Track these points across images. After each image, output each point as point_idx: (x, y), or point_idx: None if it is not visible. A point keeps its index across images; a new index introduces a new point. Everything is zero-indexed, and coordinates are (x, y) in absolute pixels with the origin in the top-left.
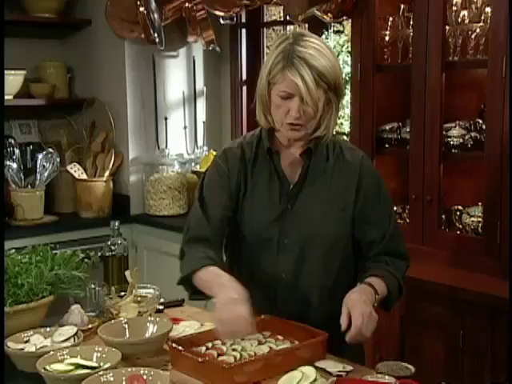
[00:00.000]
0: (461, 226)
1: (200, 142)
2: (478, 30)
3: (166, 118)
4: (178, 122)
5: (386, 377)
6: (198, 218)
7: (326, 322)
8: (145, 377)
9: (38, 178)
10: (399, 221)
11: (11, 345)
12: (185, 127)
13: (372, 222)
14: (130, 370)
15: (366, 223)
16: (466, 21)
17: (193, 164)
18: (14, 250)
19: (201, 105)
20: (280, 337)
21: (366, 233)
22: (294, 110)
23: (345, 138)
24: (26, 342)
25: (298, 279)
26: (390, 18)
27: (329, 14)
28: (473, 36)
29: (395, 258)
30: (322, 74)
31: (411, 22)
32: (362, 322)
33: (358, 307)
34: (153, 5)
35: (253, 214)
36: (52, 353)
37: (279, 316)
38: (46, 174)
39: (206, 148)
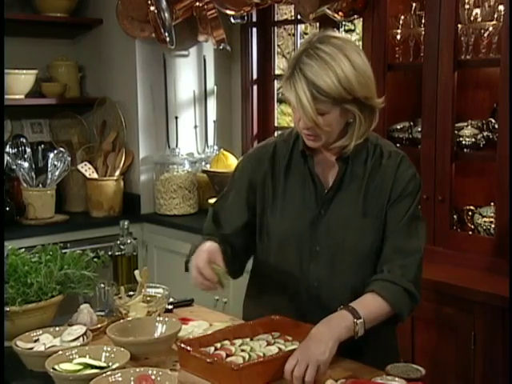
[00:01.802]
0: (473, 227)
1: (210, 141)
2: (490, 29)
3: (176, 118)
4: (188, 122)
5: (396, 379)
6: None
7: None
8: (153, 377)
9: (49, 177)
10: None
11: (20, 344)
12: (195, 126)
13: (387, 228)
14: (138, 370)
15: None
16: (479, 19)
17: (203, 163)
18: (23, 249)
19: (211, 104)
20: (289, 337)
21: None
22: (301, 120)
23: None
24: (35, 341)
25: (329, 287)
26: (402, 17)
27: (340, 13)
28: (485, 34)
29: (402, 259)
30: (322, 90)
31: (423, 21)
32: (292, 366)
33: (305, 349)
34: (163, 4)
35: (284, 218)
36: (61, 352)
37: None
38: (57, 173)
39: (216, 147)
